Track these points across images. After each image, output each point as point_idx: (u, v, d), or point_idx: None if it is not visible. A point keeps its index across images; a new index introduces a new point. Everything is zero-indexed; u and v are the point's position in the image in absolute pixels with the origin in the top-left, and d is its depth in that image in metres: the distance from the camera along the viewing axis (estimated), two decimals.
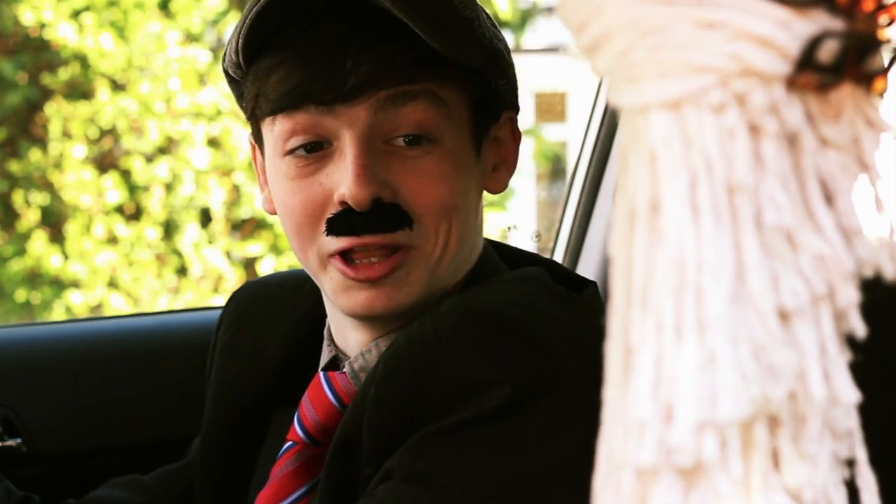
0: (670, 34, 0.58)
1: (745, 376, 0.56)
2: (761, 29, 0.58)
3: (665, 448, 0.56)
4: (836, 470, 0.60)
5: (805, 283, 0.58)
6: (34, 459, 1.93)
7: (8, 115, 7.24)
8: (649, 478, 0.57)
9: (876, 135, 0.61)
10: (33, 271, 7.10)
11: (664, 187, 0.58)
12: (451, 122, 1.35)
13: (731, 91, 0.58)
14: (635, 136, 0.59)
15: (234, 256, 7.26)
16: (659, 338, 0.57)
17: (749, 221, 0.57)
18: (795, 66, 0.58)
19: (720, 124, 0.58)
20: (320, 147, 1.34)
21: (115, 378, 2.02)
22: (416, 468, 1.22)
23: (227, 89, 7.31)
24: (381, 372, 1.27)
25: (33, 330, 2.23)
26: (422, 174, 1.33)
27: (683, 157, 0.58)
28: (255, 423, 1.54)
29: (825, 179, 0.60)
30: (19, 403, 1.95)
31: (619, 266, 0.60)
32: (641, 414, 0.57)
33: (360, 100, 1.31)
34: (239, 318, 1.62)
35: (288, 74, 1.33)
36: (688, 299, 0.57)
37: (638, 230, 0.58)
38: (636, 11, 0.58)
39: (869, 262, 0.60)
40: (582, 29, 0.60)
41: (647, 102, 0.58)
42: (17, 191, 7.16)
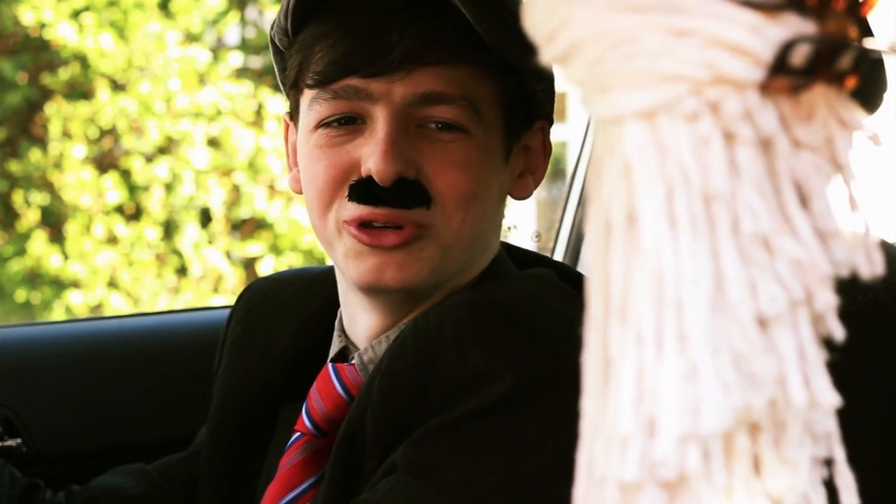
0: (642, 43, 0.57)
1: (726, 386, 0.56)
2: (734, 36, 0.57)
3: (649, 462, 0.56)
4: (815, 472, 0.60)
5: (783, 289, 0.57)
6: (34, 459, 1.93)
7: (8, 115, 7.24)
8: (633, 492, 0.57)
9: (849, 134, 0.61)
10: (33, 271, 7.10)
11: (640, 198, 0.57)
12: (484, 124, 1.37)
13: (704, 99, 0.57)
14: (609, 147, 0.59)
15: (234, 256, 7.25)
16: (639, 350, 0.57)
17: (726, 230, 0.57)
18: (768, 71, 0.57)
19: (694, 133, 0.58)
20: (353, 122, 1.36)
21: (115, 378, 2.02)
22: (421, 462, 1.23)
23: (227, 89, 7.32)
24: (386, 364, 1.28)
25: (33, 330, 2.23)
26: (447, 158, 1.35)
27: (659, 167, 0.57)
28: (264, 418, 1.55)
29: (799, 182, 0.60)
30: (19, 403, 1.95)
31: (595, 278, 0.59)
32: (624, 428, 0.56)
33: (401, 74, 1.33)
34: (249, 314, 1.63)
35: (334, 45, 1.36)
36: (667, 311, 0.57)
37: (614, 242, 0.58)
38: (606, 21, 0.58)
39: (845, 263, 0.60)
40: (552, 39, 0.59)
41: (621, 112, 0.58)
42: (17, 191, 7.16)
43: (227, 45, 7.40)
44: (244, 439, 1.56)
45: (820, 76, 0.59)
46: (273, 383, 1.56)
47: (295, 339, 1.57)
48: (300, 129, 1.42)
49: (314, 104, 1.38)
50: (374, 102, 1.35)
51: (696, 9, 0.57)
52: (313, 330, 1.56)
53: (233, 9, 7.42)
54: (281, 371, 1.56)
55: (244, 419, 1.56)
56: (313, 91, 1.38)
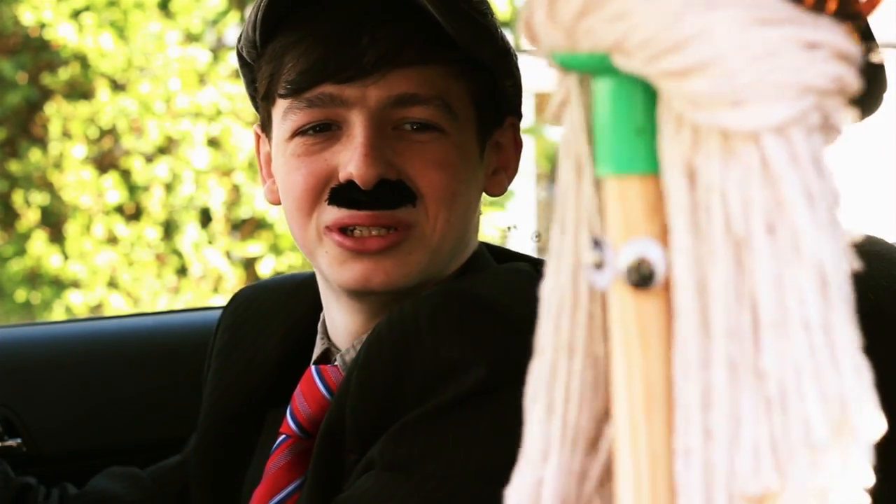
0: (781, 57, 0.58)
1: None
2: (849, 48, 0.59)
3: None
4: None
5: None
6: (34, 459, 1.93)
7: (8, 115, 7.24)
8: None
9: None
10: (33, 271, 7.10)
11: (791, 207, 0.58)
12: (458, 123, 1.38)
13: (822, 111, 0.59)
14: (732, 157, 0.59)
15: (234, 256, 7.25)
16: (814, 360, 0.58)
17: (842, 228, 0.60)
18: None
19: (814, 143, 0.59)
20: (328, 129, 1.37)
21: (115, 378, 2.02)
22: (399, 456, 1.24)
23: (227, 89, 7.30)
24: (363, 357, 1.29)
25: (33, 330, 2.23)
26: (427, 158, 1.36)
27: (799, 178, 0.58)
28: (250, 424, 1.56)
29: None
30: (19, 403, 1.95)
31: (721, 290, 0.59)
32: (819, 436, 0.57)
33: (375, 78, 1.34)
34: (236, 321, 1.64)
35: (305, 53, 1.36)
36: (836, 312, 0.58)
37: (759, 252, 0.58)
38: (747, 34, 0.58)
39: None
40: (678, 50, 0.59)
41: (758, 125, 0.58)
42: (17, 191, 7.16)
43: (227, 45, 7.39)
44: (231, 445, 1.57)
45: None
46: (259, 389, 1.57)
47: (280, 345, 1.58)
48: (274, 139, 1.42)
49: (289, 114, 1.38)
50: (349, 108, 1.35)
51: (817, 22, 0.58)
52: (298, 335, 1.57)
53: (233, 9, 7.42)
54: (267, 376, 1.57)
55: (231, 425, 1.57)
56: (287, 101, 1.38)
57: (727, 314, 0.58)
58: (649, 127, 0.62)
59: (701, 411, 0.57)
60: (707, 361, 0.58)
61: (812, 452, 0.54)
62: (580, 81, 0.65)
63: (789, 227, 0.58)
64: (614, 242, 0.61)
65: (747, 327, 0.58)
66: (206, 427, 1.61)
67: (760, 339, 0.58)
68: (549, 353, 0.66)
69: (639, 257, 0.60)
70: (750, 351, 0.58)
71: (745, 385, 0.56)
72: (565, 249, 0.65)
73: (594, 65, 0.63)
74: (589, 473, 0.64)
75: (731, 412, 0.56)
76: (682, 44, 0.59)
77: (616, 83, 0.63)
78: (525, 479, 0.63)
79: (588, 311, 0.64)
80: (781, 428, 0.55)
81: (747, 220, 0.58)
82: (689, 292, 0.59)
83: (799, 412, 0.55)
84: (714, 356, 0.58)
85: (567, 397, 0.65)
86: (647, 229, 0.61)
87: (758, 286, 0.58)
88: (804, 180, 0.58)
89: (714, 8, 0.58)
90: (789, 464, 0.55)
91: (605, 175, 0.63)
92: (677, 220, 0.60)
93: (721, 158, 0.59)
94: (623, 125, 0.63)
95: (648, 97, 0.63)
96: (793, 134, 0.58)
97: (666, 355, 0.59)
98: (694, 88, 0.59)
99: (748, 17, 0.58)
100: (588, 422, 0.64)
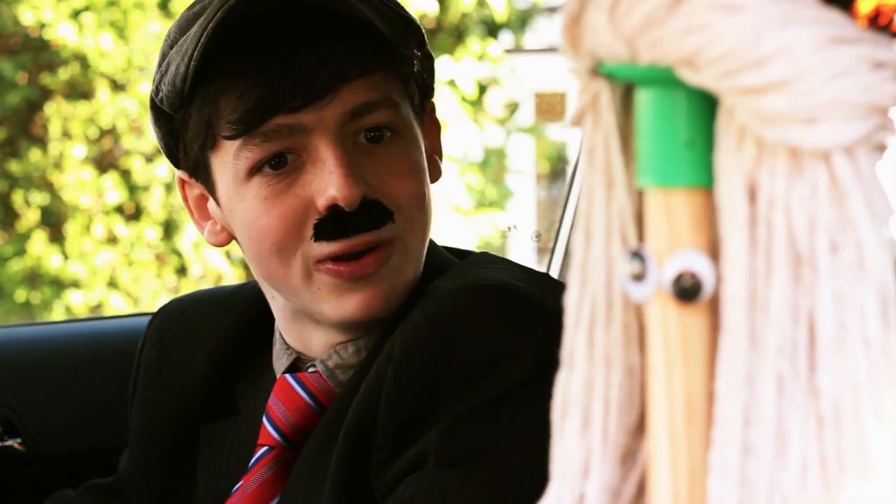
0: (855, 76, 0.58)
1: None
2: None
3: None
4: None
5: None
6: (34, 459, 1.93)
7: (8, 115, 7.24)
8: None
9: None
10: (33, 271, 7.09)
11: (859, 227, 0.58)
12: (404, 120, 1.36)
13: (884, 130, 0.59)
14: (799, 174, 0.59)
15: (234, 256, 7.25)
16: (871, 374, 0.58)
17: None
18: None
19: (873, 163, 0.59)
20: (285, 162, 1.32)
21: (115, 378, 2.01)
22: (455, 452, 1.21)
23: None
24: (399, 350, 1.26)
25: (33, 330, 2.23)
26: (394, 168, 1.33)
27: (865, 198, 0.58)
28: (187, 440, 1.52)
29: None
30: (19, 403, 1.95)
31: (779, 311, 0.58)
32: None
33: (329, 98, 1.31)
34: (162, 337, 1.60)
35: (247, 89, 1.31)
36: None
37: (821, 269, 0.58)
38: (826, 52, 0.58)
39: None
40: (759, 66, 0.58)
41: (830, 144, 0.58)
42: (17, 191, 7.16)
43: None
44: (171, 463, 1.54)
45: None
46: (192, 404, 1.53)
47: (209, 358, 1.54)
48: (225, 184, 1.36)
49: (242, 153, 1.32)
50: (308, 134, 1.31)
51: (880, 41, 0.58)
52: (225, 347, 1.54)
53: None
54: (200, 391, 1.53)
55: (168, 442, 1.54)
56: (236, 141, 1.32)
57: (781, 330, 0.58)
58: (700, 139, 0.62)
59: (741, 427, 0.56)
60: (753, 377, 0.57)
61: (865, 470, 0.54)
62: (612, 88, 0.64)
63: (854, 245, 0.58)
64: (658, 254, 0.60)
65: (802, 344, 0.58)
66: (140, 446, 1.57)
67: (816, 356, 0.58)
68: (583, 365, 0.65)
69: (685, 269, 0.60)
70: (804, 367, 0.57)
71: (795, 402, 0.56)
72: (593, 259, 0.64)
73: (652, 76, 0.62)
74: (623, 489, 0.63)
75: (777, 428, 0.56)
76: (762, 60, 0.58)
77: (666, 94, 0.62)
78: (564, 495, 0.62)
79: (623, 321, 0.64)
80: (834, 445, 0.55)
81: (812, 238, 0.58)
82: (741, 307, 0.58)
83: (854, 429, 0.55)
84: (762, 372, 0.57)
85: (606, 410, 0.64)
86: (694, 241, 0.60)
87: (818, 303, 0.58)
88: (869, 198, 0.58)
89: (792, 25, 0.58)
90: (839, 481, 0.54)
91: (649, 186, 0.62)
92: (734, 235, 0.59)
93: (787, 174, 0.59)
94: (671, 137, 0.62)
95: (700, 109, 0.62)
96: (859, 153, 0.59)
97: (708, 370, 0.59)
98: (770, 105, 0.59)
99: (825, 36, 0.58)
100: (625, 435, 0.63)
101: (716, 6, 0.59)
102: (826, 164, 0.59)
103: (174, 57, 1.35)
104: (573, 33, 0.63)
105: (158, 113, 1.40)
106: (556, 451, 0.66)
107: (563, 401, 0.66)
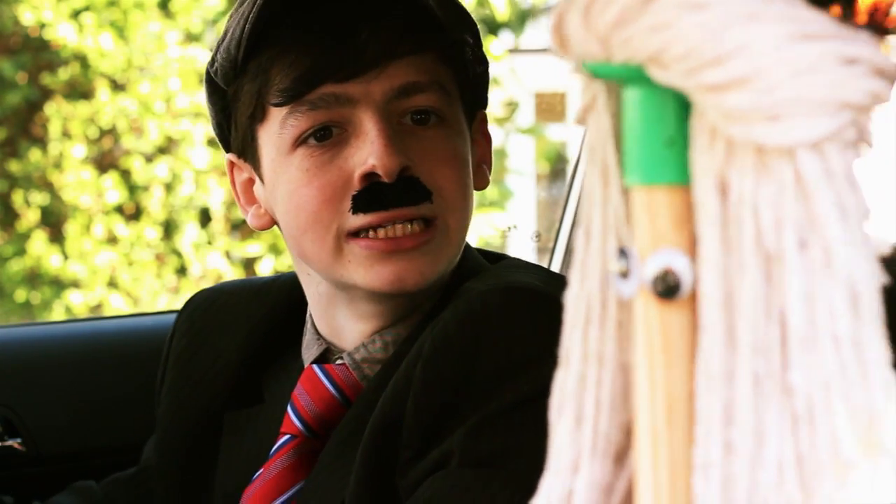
0: (821, 72, 0.58)
1: None
2: (887, 63, 0.59)
3: None
4: None
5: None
6: (34, 459, 1.93)
7: (8, 115, 7.24)
8: None
9: None
10: (33, 271, 7.09)
11: (824, 224, 0.58)
12: (454, 109, 1.37)
13: (859, 127, 0.59)
14: (765, 172, 0.59)
15: (234, 256, 7.25)
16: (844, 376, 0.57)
17: None
18: None
19: (848, 159, 0.59)
20: (330, 135, 1.33)
21: (115, 378, 2.02)
22: (481, 452, 1.21)
23: None
24: (428, 349, 1.26)
25: (33, 330, 2.23)
26: (437, 152, 1.34)
27: (833, 194, 0.58)
28: (212, 428, 1.53)
29: None
30: (19, 403, 1.95)
31: (750, 308, 0.58)
32: None
33: (376, 72, 1.32)
34: (193, 326, 1.61)
35: (297, 59, 1.32)
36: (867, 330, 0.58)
37: (790, 267, 0.58)
38: (788, 49, 0.58)
39: None
40: (719, 63, 0.58)
41: (794, 141, 0.58)
42: (17, 191, 7.16)
43: None
44: (195, 449, 1.55)
45: None
46: (221, 393, 1.54)
47: (241, 349, 1.55)
48: (269, 156, 1.37)
49: (288, 121, 1.34)
50: (354, 106, 1.32)
51: (856, 36, 0.58)
52: (259, 337, 1.55)
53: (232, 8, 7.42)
54: (229, 380, 1.54)
55: (196, 428, 1.55)
56: (284, 109, 1.34)
57: (755, 329, 0.58)
58: (680, 138, 0.62)
59: (722, 425, 0.56)
60: (731, 375, 0.57)
61: (839, 468, 0.54)
62: (608, 88, 0.65)
63: (822, 243, 0.58)
64: (641, 252, 0.61)
65: (775, 342, 0.58)
66: (168, 435, 1.58)
67: (789, 354, 0.58)
68: (577, 363, 0.65)
69: (665, 268, 0.60)
70: (777, 366, 0.57)
71: (771, 400, 0.56)
72: (591, 257, 0.65)
73: (627, 75, 0.62)
74: (616, 486, 0.63)
75: (755, 427, 0.56)
76: (722, 58, 0.58)
77: (647, 93, 0.62)
78: (554, 490, 0.62)
79: (617, 319, 0.64)
80: (808, 443, 0.55)
81: (779, 236, 0.58)
82: (716, 305, 0.59)
83: (827, 428, 0.55)
84: (738, 370, 0.57)
85: (597, 407, 0.64)
86: (675, 240, 0.60)
87: (788, 301, 0.58)
88: (838, 196, 0.58)
89: (756, 22, 0.58)
90: (815, 480, 0.54)
91: (633, 184, 0.63)
92: (707, 233, 0.59)
93: (754, 173, 0.59)
94: (653, 135, 0.62)
95: (680, 108, 0.62)
96: (828, 149, 0.58)
97: (689, 367, 0.59)
98: (732, 102, 0.58)
99: (789, 32, 0.58)
100: (618, 433, 0.63)
101: (683, 4, 0.59)
102: (792, 161, 0.59)
103: (231, 25, 1.37)
104: (560, 33, 0.64)
105: (213, 88, 1.42)
106: (551, 447, 0.66)
107: (559, 398, 0.66)
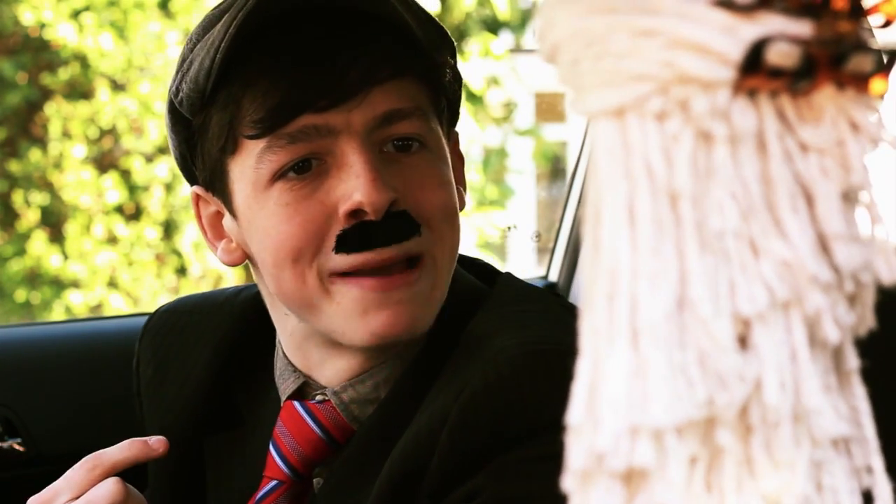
0: (609, 43, 0.58)
1: (690, 382, 0.57)
2: (696, 35, 0.58)
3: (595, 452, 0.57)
4: (813, 477, 0.60)
5: (765, 290, 0.58)
6: (34, 459, 1.94)
7: (8, 115, 7.24)
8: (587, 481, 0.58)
9: (862, 137, 0.61)
10: (33, 271, 7.10)
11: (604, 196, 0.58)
12: (435, 134, 1.31)
13: (672, 98, 0.58)
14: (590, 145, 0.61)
15: None
16: (594, 344, 0.58)
17: (693, 229, 0.58)
18: (740, 71, 0.58)
19: (664, 131, 0.58)
20: (310, 167, 1.25)
21: (115, 378, 2.01)
22: (504, 495, 1.18)
23: None
24: (457, 416, 1.20)
25: (33, 330, 2.23)
26: (423, 179, 1.27)
27: (623, 164, 0.58)
28: (190, 456, 1.47)
29: (805, 183, 0.59)
30: (19, 403, 1.95)
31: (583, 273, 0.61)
32: (575, 419, 0.58)
33: (358, 100, 1.24)
34: (157, 353, 1.53)
35: (272, 86, 1.24)
36: (620, 306, 0.58)
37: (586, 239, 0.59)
38: (581, 22, 0.59)
39: (857, 266, 0.59)
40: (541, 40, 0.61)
41: (592, 111, 0.59)
42: (17, 191, 7.17)
43: None
44: (178, 482, 1.49)
45: (825, 78, 0.59)
46: (196, 414, 1.47)
47: (210, 365, 1.48)
48: (244, 191, 1.28)
49: (266, 155, 1.24)
50: (335, 137, 1.24)
51: (666, 10, 0.58)
52: (226, 352, 1.48)
53: None
54: (200, 402, 1.47)
55: (174, 457, 1.43)
56: (261, 142, 1.24)
57: None
58: None
59: None
60: None
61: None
62: None
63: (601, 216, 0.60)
64: None
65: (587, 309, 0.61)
66: (156, 463, 1.48)
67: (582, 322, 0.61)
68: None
69: None
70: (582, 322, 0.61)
71: None
72: None
73: None
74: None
75: None
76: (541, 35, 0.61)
77: None
78: None
79: None
80: None
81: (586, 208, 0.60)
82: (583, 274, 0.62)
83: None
84: None
85: None
86: None
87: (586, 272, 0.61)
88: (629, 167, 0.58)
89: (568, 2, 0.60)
90: None
91: None
92: None
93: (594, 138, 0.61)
94: None
95: None
96: (628, 120, 0.58)
97: None
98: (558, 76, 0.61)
99: (589, 7, 0.59)
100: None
101: None
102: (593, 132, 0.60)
103: (198, 54, 1.29)
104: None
105: (176, 118, 1.34)
106: None
107: None
